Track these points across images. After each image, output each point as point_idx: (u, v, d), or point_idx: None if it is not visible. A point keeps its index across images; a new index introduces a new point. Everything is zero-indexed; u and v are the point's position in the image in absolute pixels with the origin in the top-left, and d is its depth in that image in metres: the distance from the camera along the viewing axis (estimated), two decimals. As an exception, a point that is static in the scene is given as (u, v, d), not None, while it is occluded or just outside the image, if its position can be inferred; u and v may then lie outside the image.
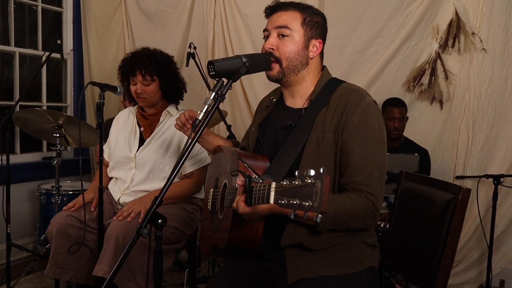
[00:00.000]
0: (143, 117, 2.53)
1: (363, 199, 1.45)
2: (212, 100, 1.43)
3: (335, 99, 1.55)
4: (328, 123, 1.52)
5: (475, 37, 2.95)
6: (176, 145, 2.45)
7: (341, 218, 1.43)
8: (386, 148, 1.56)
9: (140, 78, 2.40)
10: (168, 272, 3.23)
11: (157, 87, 2.43)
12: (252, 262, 1.63)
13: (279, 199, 1.12)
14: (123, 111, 2.67)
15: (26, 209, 3.63)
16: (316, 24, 1.60)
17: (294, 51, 1.56)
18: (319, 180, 1.04)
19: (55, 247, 2.26)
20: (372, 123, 1.51)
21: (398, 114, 3.02)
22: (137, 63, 2.39)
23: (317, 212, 1.02)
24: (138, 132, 2.52)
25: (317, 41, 1.60)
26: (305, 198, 1.05)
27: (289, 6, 1.60)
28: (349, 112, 1.50)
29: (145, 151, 2.45)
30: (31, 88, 3.78)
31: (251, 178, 1.29)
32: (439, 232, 1.67)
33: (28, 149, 3.80)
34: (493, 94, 2.99)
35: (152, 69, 2.39)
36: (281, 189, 1.13)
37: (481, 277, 3.10)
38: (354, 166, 1.48)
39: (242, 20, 3.52)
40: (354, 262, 1.53)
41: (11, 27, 3.64)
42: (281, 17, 1.58)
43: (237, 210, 1.36)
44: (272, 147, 1.63)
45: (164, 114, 2.51)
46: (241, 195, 1.35)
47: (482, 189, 3.01)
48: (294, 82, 1.62)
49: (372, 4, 3.19)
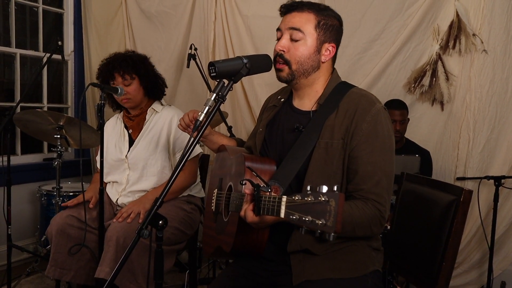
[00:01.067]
0: (129, 119, 2.57)
1: (370, 208, 1.44)
2: (213, 101, 1.43)
3: (345, 105, 1.52)
4: (337, 128, 1.50)
5: (476, 39, 2.95)
6: (165, 140, 2.50)
7: (348, 227, 1.42)
8: (395, 155, 1.54)
9: (120, 80, 2.43)
10: (169, 273, 3.22)
11: (138, 85, 2.47)
12: (255, 264, 1.63)
13: (290, 214, 1.11)
14: (110, 119, 2.71)
15: (26, 210, 3.63)
16: (330, 28, 1.56)
17: (306, 55, 1.53)
18: (333, 199, 1.03)
19: (55, 247, 2.27)
20: (382, 131, 1.49)
21: (399, 116, 3.01)
22: (114, 66, 2.44)
23: (331, 231, 1.02)
24: (126, 134, 2.57)
25: (330, 45, 1.57)
26: (318, 216, 1.04)
27: (304, 6, 1.55)
28: (358, 119, 1.48)
29: (136, 150, 2.49)
30: (32, 90, 3.78)
31: (259, 187, 1.28)
32: (440, 234, 1.67)
33: (29, 150, 3.80)
34: (494, 95, 2.98)
35: (130, 68, 2.44)
36: (292, 204, 1.12)
37: (482, 279, 3.09)
38: (362, 174, 1.46)
39: (243, 21, 3.52)
40: (359, 265, 1.53)
41: (12, 28, 3.65)
42: (295, 18, 1.54)
43: (244, 219, 1.35)
44: (279, 150, 1.62)
45: (150, 111, 2.55)
46: (249, 203, 1.34)
47: (483, 190, 3.00)
48: (304, 85, 1.60)
49: (373, 6, 3.18)
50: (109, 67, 2.46)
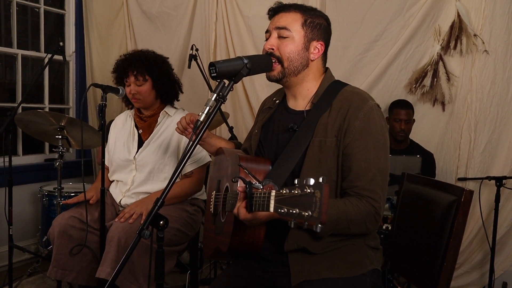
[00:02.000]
0: (141, 119, 2.54)
1: (364, 204, 1.45)
2: (213, 101, 1.43)
3: (338, 103, 1.54)
4: (330, 126, 1.51)
5: (477, 39, 2.95)
6: (175, 145, 2.46)
7: (343, 223, 1.43)
8: (389, 152, 1.55)
9: (132, 79, 2.42)
10: (170, 274, 3.22)
11: (150, 87, 2.45)
12: (254, 265, 1.63)
13: (278, 208, 1.12)
14: (121, 115, 2.68)
15: (28, 210, 3.64)
16: (318, 26, 1.59)
17: (294, 51, 1.55)
18: (318, 189, 1.03)
19: (57, 248, 2.27)
20: (375, 127, 1.50)
21: (405, 116, 3.02)
22: (129, 64, 2.43)
23: (317, 222, 1.02)
24: (136, 134, 2.54)
25: (319, 43, 1.59)
26: (305, 208, 1.04)
27: (291, 7, 1.60)
28: (351, 116, 1.49)
29: (145, 153, 2.46)
30: (33, 90, 3.79)
31: (251, 185, 1.29)
32: (441, 234, 1.67)
33: (30, 151, 3.81)
34: (495, 96, 2.98)
35: (144, 69, 2.42)
36: (280, 197, 1.13)
37: (484, 279, 3.09)
38: (356, 171, 1.47)
39: (244, 22, 3.52)
40: (358, 264, 1.53)
41: (14, 29, 3.65)
42: (282, 18, 1.58)
43: (238, 216, 1.36)
44: (274, 150, 1.63)
45: (162, 114, 2.52)
46: (242, 201, 1.35)
47: (484, 191, 3.00)
48: (294, 83, 1.61)
49: (374, 6, 3.18)
50: (125, 64, 2.44)
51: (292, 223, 1.08)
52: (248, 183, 1.30)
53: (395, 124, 3.03)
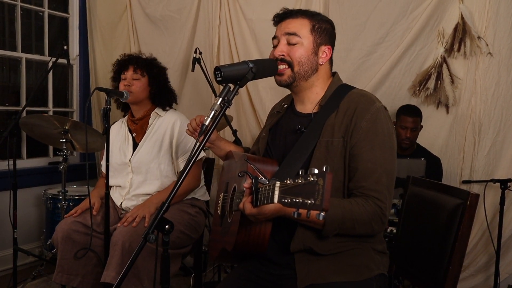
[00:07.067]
0: (133, 122, 2.59)
1: (370, 205, 1.45)
2: (219, 105, 1.44)
3: (345, 104, 1.55)
4: (337, 127, 1.52)
5: (481, 41, 2.94)
6: (168, 143, 2.51)
7: (348, 223, 1.43)
8: (396, 153, 1.55)
9: (130, 72, 2.51)
10: (174, 277, 3.22)
11: (145, 84, 2.52)
12: (260, 267, 1.63)
13: (282, 198, 1.12)
14: (115, 124, 2.72)
15: (32, 214, 3.64)
16: (325, 31, 1.61)
17: (305, 55, 1.57)
18: (321, 177, 1.03)
19: (61, 254, 2.27)
20: (381, 128, 1.51)
21: (411, 123, 2.97)
22: (131, 59, 2.55)
23: (319, 209, 1.02)
24: (130, 138, 2.58)
25: (327, 47, 1.61)
26: (308, 196, 1.04)
27: (297, 13, 1.61)
28: (358, 117, 1.50)
29: (139, 154, 2.51)
30: (37, 94, 3.80)
31: (257, 179, 1.30)
32: (447, 238, 1.66)
33: (34, 154, 3.82)
34: (500, 98, 2.97)
35: (144, 65, 2.53)
36: (285, 187, 1.13)
37: (489, 283, 3.08)
38: (362, 171, 1.48)
39: (247, 25, 3.53)
40: (364, 269, 1.53)
41: (18, 33, 3.67)
42: (290, 24, 1.59)
43: (243, 212, 1.36)
44: (282, 151, 1.64)
45: (153, 116, 2.57)
46: (248, 196, 1.35)
47: (489, 193, 2.99)
48: (303, 88, 1.63)
49: (378, 9, 3.18)
50: (127, 58, 2.56)
51: (295, 213, 1.08)
52: (254, 177, 1.30)
53: (401, 131, 2.98)
